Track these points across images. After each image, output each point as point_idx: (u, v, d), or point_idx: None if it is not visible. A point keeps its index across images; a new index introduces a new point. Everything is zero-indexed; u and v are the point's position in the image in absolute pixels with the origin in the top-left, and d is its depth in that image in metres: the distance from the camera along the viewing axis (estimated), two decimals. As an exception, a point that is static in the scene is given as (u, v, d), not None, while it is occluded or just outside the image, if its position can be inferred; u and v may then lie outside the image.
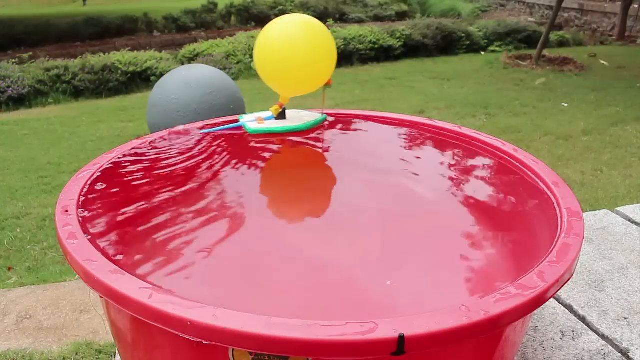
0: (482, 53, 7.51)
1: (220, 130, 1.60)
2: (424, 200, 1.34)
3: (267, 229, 1.21)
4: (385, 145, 1.61)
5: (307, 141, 1.62)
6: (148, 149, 1.47)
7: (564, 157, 3.70)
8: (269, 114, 1.60)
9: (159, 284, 0.96)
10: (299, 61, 1.48)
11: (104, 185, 1.24)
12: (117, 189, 1.29)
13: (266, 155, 1.55)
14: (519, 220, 1.21)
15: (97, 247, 0.96)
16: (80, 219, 1.05)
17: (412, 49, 7.22)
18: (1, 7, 12.72)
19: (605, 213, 1.92)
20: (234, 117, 1.69)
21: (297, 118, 1.62)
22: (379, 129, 1.69)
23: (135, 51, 6.52)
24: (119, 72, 5.79)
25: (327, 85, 1.58)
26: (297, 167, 1.53)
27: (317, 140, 1.62)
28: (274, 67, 1.53)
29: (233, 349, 0.80)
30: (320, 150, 1.59)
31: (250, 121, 1.61)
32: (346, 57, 6.75)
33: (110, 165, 1.33)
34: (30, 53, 6.94)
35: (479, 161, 1.46)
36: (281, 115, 1.60)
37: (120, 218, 1.18)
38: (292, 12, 9.78)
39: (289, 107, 1.64)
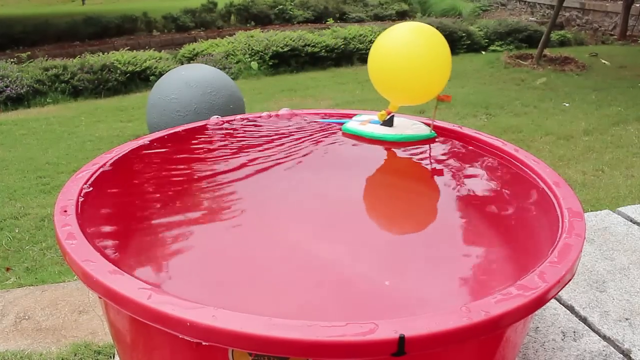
0: (483, 52, 7.50)
1: (330, 122, 1.61)
2: (425, 200, 1.34)
3: (267, 229, 1.21)
4: (385, 146, 1.61)
5: (308, 141, 1.61)
6: (152, 148, 1.47)
7: (565, 157, 3.69)
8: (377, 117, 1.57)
9: (158, 285, 0.96)
10: (412, 69, 1.44)
11: (103, 185, 1.24)
12: (116, 189, 1.28)
13: (270, 154, 1.55)
14: (519, 220, 1.21)
15: (96, 248, 0.95)
16: (79, 219, 1.05)
17: (412, 49, 7.22)
18: None
19: (607, 213, 1.92)
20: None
21: (401, 127, 1.56)
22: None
23: (135, 51, 6.51)
24: (118, 71, 5.78)
25: (443, 100, 1.51)
26: (297, 167, 1.52)
27: (318, 140, 1.62)
28: (385, 74, 1.50)
29: (233, 350, 0.79)
30: (320, 151, 1.59)
31: (357, 120, 1.60)
32: (346, 56, 6.74)
33: (110, 165, 1.32)
34: (29, 52, 6.93)
35: (479, 161, 1.45)
36: (388, 123, 1.55)
37: (119, 218, 1.18)
38: (292, 12, 9.76)
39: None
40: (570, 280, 0.92)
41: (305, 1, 10.05)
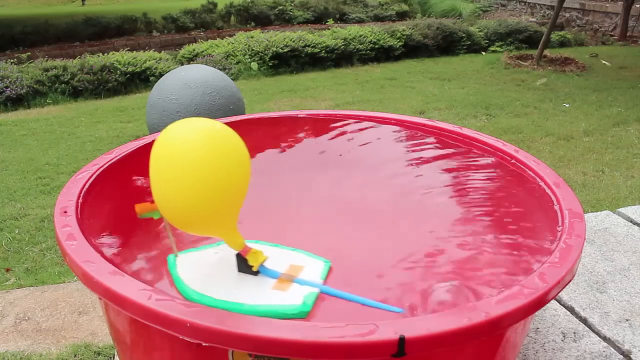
0: (483, 53, 7.50)
1: None
2: (425, 202, 1.33)
3: (267, 230, 1.20)
4: (386, 146, 1.61)
5: (309, 142, 1.61)
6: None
7: (565, 158, 3.69)
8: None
9: (158, 285, 0.96)
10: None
11: (103, 186, 1.24)
12: (116, 190, 1.28)
13: (263, 154, 1.55)
14: (520, 221, 1.20)
15: (96, 248, 0.95)
16: (79, 220, 1.05)
17: (412, 49, 7.22)
18: None
19: (607, 214, 1.92)
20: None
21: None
22: (380, 129, 1.68)
23: (135, 51, 6.50)
24: (118, 72, 5.78)
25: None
26: (297, 168, 1.52)
27: (318, 141, 1.62)
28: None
29: (233, 351, 0.79)
30: (320, 151, 1.59)
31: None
32: (346, 57, 6.75)
33: (109, 165, 1.32)
34: (29, 53, 6.93)
35: (480, 162, 1.45)
36: (243, 267, 0.96)
37: (119, 218, 1.17)
38: (292, 13, 9.75)
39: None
40: (570, 281, 0.92)
41: (305, 2, 10.06)
